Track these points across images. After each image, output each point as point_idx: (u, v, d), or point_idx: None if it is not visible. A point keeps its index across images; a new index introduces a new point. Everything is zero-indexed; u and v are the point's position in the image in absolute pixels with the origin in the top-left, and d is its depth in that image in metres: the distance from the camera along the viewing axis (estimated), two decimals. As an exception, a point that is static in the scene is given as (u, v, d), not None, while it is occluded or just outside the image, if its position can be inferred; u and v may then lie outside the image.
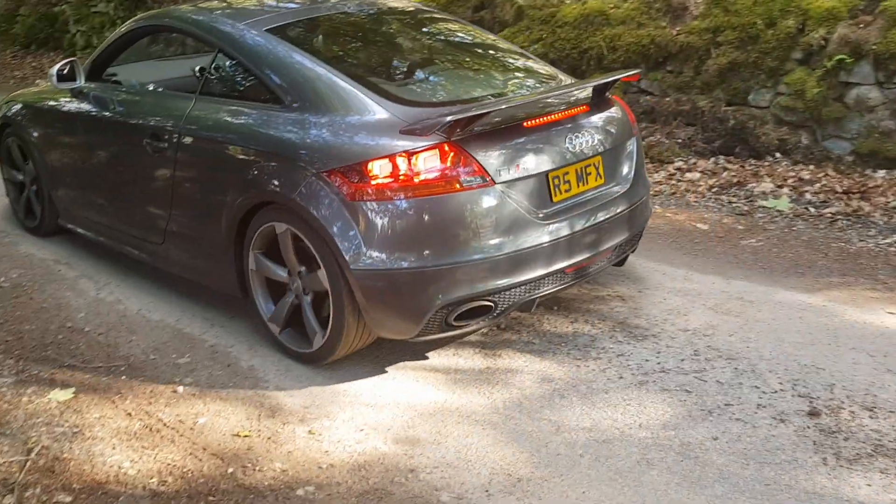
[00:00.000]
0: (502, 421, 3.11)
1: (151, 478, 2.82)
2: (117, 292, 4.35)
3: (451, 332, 3.34)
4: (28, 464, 2.87)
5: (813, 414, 3.09)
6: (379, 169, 3.10)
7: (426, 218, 3.11)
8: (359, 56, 3.91)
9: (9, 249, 4.97)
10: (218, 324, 3.97)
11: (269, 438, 3.05)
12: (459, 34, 4.40)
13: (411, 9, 4.52)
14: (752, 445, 2.91)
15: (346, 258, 3.13)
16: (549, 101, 3.53)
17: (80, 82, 4.53)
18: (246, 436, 3.06)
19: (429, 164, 3.10)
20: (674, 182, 5.86)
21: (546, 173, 3.35)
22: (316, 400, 3.28)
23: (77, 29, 11.77)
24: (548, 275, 3.36)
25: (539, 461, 2.86)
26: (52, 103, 4.83)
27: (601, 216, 3.54)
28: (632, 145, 3.85)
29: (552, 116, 3.45)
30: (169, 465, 2.89)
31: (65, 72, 4.53)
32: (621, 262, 4.06)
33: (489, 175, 3.15)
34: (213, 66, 3.99)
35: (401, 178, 3.09)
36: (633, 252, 4.11)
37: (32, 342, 3.78)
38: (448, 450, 2.94)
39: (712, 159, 6.09)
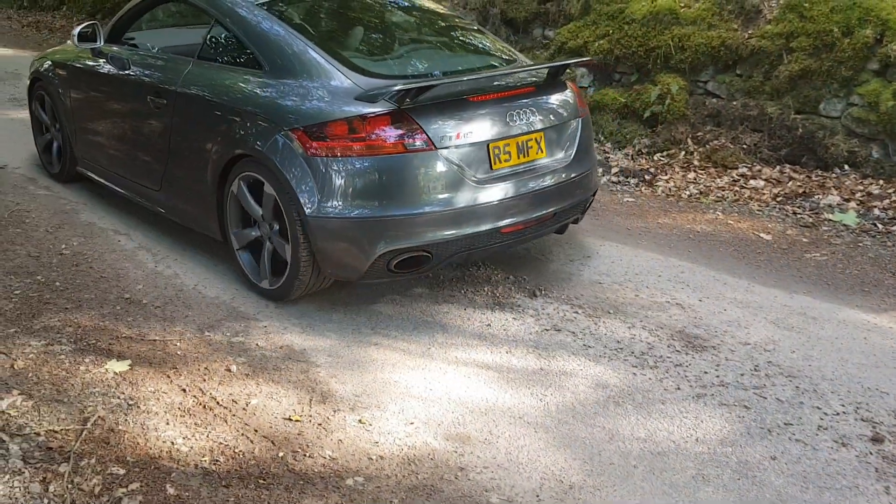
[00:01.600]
0: (555, 425, 3.07)
1: (203, 456, 2.83)
2: (175, 266, 4.38)
3: (393, 277, 3.78)
4: (84, 433, 2.90)
5: (876, 440, 2.99)
6: (335, 129, 3.55)
7: (373, 174, 3.54)
8: (333, 30, 4.35)
9: (71, 217, 5.04)
10: (272, 305, 3.98)
11: (319, 425, 3.04)
12: (433, 16, 4.86)
13: None
14: (812, 468, 2.82)
15: (303, 205, 3.58)
16: (495, 79, 3.98)
17: (100, 43, 5.00)
18: (297, 420, 3.06)
19: (378, 128, 3.53)
20: (737, 188, 5.73)
21: (486, 143, 3.74)
22: (367, 389, 3.27)
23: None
24: (481, 233, 3.73)
25: (592, 469, 2.82)
26: (74, 61, 5.31)
27: (537, 185, 3.91)
28: (576, 125, 4.21)
29: (496, 94, 3.86)
30: (221, 444, 2.90)
31: (87, 33, 4.97)
32: (562, 230, 4.51)
33: (432, 141, 3.57)
34: (210, 33, 4.45)
35: (353, 138, 3.53)
36: (576, 223, 4.50)
37: (91, 311, 3.82)
38: (499, 450, 2.91)
39: (778, 167, 5.94)
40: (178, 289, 4.12)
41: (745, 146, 6.14)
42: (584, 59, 4.91)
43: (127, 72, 4.75)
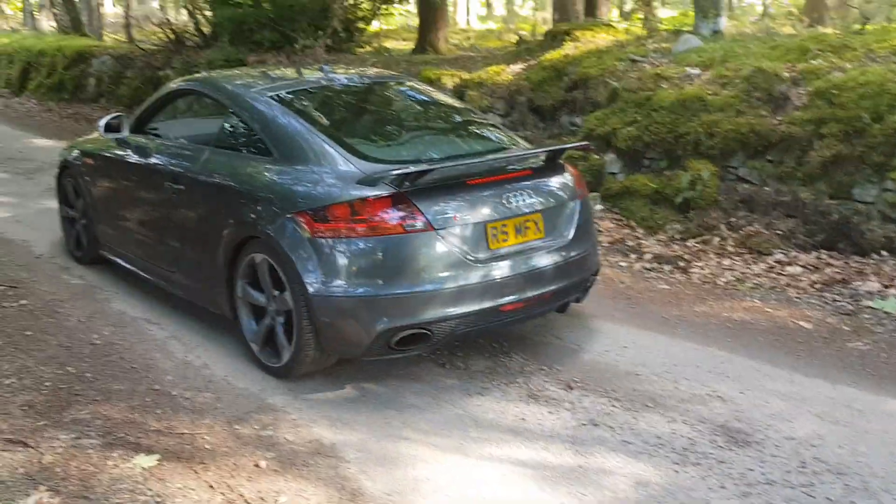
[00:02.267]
0: (595, 526, 2.94)
1: (230, 559, 2.74)
2: (205, 356, 4.35)
3: (393, 355, 3.88)
4: (109, 533, 2.82)
5: (937, 545, 2.82)
6: (338, 212, 3.72)
7: (375, 254, 3.70)
8: (338, 119, 4.59)
9: (103, 306, 5.06)
10: (301, 397, 3.92)
11: (349, 525, 2.94)
12: (437, 105, 5.12)
13: (395, 82, 5.30)
14: (871, 577, 2.66)
15: (306, 284, 3.72)
16: (491, 164, 4.11)
17: (125, 133, 5.29)
18: (326, 520, 2.97)
19: (378, 210, 3.69)
20: (773, 275, 5.63)
21: (484, 224, 3.88)
22: (398, 486, 3.17)
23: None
24: (481, 311, 3.84)
25: (635, 576, 2.67)
26: (100, 150, 5.58)
27: (536, 265, 4.02)
28: (575, 206, 4.32)
29: (493, 177, 4.01)
30: (248, 546, 2.81)
31: (113, 124, 5.30)
32: (563, 309, 4.54)
33: (430, 222, 3.72)
34: (224, 123, 4.69)
35: (355, 220, 3.71)
36: (577, 301, 4.54)
37: (120, 403, 3.78)
38: (537, 554, 2.78)
39: (814, 253, 5.85)
40: (207, 379, 4.08)
41: (779, 232, 6.06)
42: (581, 143, 5.05)
43: (148, 160, 5.00)
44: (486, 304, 3.85)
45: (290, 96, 4.57)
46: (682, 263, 5.95)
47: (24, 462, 3.23)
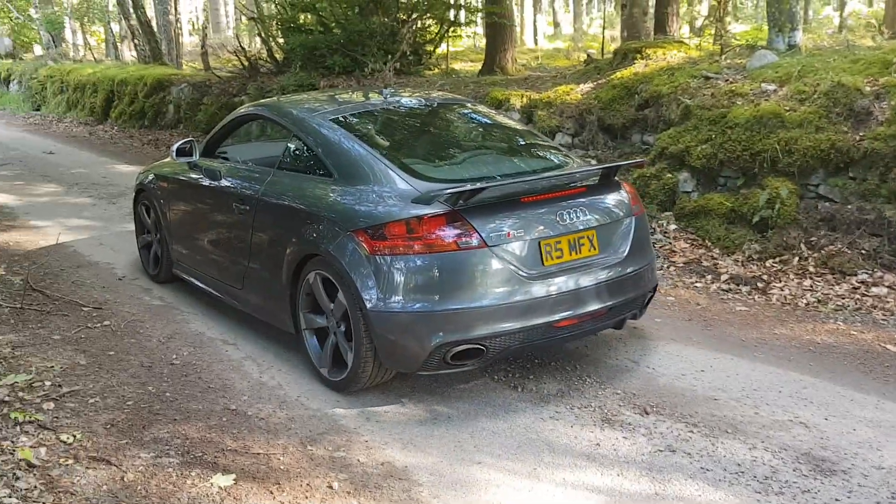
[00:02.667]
0: (673, 556, 2.86)
1: (305, 580, 2.75)
2: (279, 377, 4.41)
3: (449, 369, 3.96)
4: (187, 551, 2.87)
5: None
6: (394, 230, 3.83)
7: (430, 271, 3.77)
8: (395, 140, 4.73)
9: (182, 327, 5.19)
10: (374, 418, 3.93)
11: (422, 549, 2.93)
12: (495, 125, 5.23)
13: (457, 104, 5.38)
14: None
15: (365, 300, 3.83)
16: (544, 182, 4.14)
17: (195, 157, 5.50)
18: (400, 543, 2.96)
19: (433, 228, 3.78)
20: (858, 296, 5.43)
21: (538, 241, 3.93)
22: (472, 511, 3.14)
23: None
24: (534, 327, 3.89)
25: None
26: (173, 174, 5.84)
27: (590, 282, 4.04)
28: (630, 223, 4.35)
29: (547, 194, 4.06)
30: (322, 568, 2.81)
31: (185, 148, 5.49)
32: (619, 326, 4.54)
33: (484, 239, 3.79)
34: (289, 146, 4.86)
35: (411, 238, 3.79)
36: (634, 318, 4.56)
37: (198, 423, 3.86)
38: (614, 583, 2.72)
39: (901, 274, 5.62)
40: (281, 400, 4.14)
41: (863, 251, 5.85)
42: (635, 161, 5.10)
43: (217, 182, 5.20)
44: (540, 321, 3.88)
45: (350, 119, 4.72)
46: (760, 284, 5.79)
47: (107, 479, 3.32)
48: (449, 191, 3.80)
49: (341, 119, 4.68)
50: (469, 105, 5.42)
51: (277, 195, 4.55)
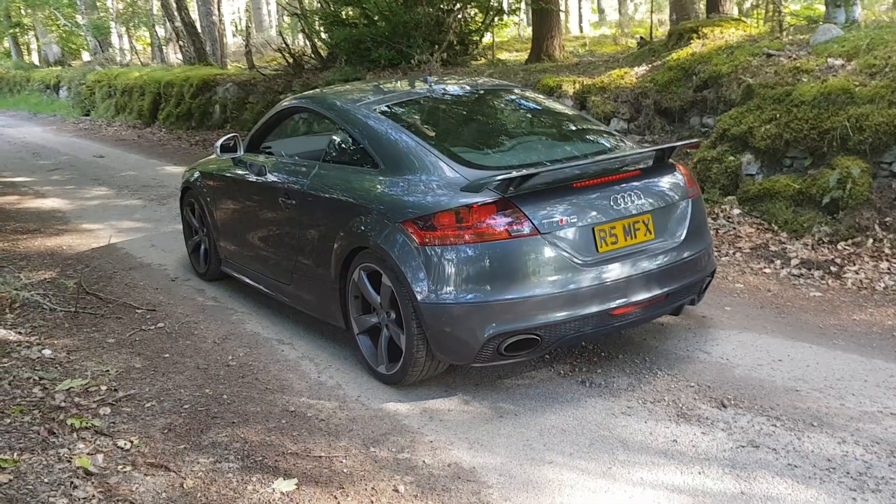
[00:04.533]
0: (767, 562, 2.66)
1: (374, 591, 2.61)
2: (337, 376, 4.29)
3: (504, 360, 3.84)
4: (251, 561, 2.75)
5: None
6: (443, 220, 3.70)
7: (481, 261, 3.65)
8: (442, 128, 4.55)
9: (237, 328, 5.10)
10: (437, 417, 3.79)
11: (496, 555, 2.77)
12: (544, 111, 5.04)
13: (505, 90, 5.25)
14: None
15: (416, 292, 3.73)
16: (596, 166, 3.95)
17: (240, 153, 5.44)
18: (471, 550, 2.80)
19: (483, 217, 3.65)
20: (941, 279, 5.13)
21: (591, 227, 3.80)
22: (546, 514, 2.97)
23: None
24: (590, 315, 3.75)
25: None
26: (218, 170, 5.76)
27: (646, 267, 3.89)
28: (686, 206, 4.19)
29: (600, 179, 3.90)
30: (392, 577, 2.67)
31: (229, 144, 5.44)
32: (677, 312, 4.39)
33: (536, 226, 3.67)
34: (332, 138, 4.78)
35: (461, 227, 3.67)
36: (693, 304, 4.38)
37: (257, 425, 3.75)
38: (705, 593, 2.53)
39: None
40: (341, 400, 4.01)
41: (943, 231, 5.53)
42: (690, 141, 4.90)
43: (262, 177, 5.12)
44: (596, 309, 3.75)
45: (395, 108, 4.62)
46: (833, 268, 5.50)
47: (166, 486, 3.22)
48: (499, 178, 3.67)
49: (386, 109, 4.58)
50: (517, 91, 5.27)
51: (323, 188, 4.46)
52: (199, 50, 19.10)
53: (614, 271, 3.81)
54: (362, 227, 4.06)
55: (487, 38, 14.40)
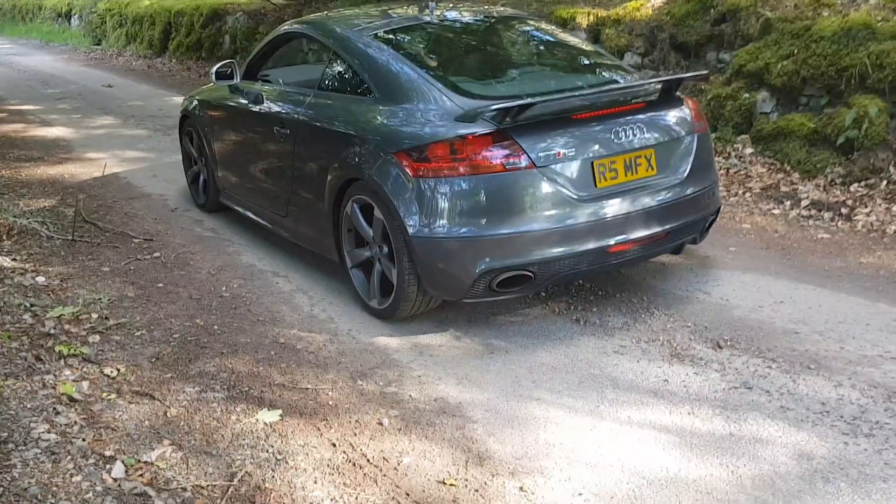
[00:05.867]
0: (749, 503, 2.60)
1: (350, 523, 2.59)
2: (330, 310, 4.24)
3: (496, 297, 3.75)
4: (230, 490, 2.73)
5: None
6: (437, 151, 3.58)
7: (475, 194, 3.54)
8: (440, 57, 4.41)
9: (233, 259, 5.05)
10: (427, 352, 3.74)
11: (476, 490, 2.74)
12: (543, 37, 4.83)
13: (516, 20, 5.05)
14: None
15: (407, 226, 3.63)
16: (598, 97, 3.80)
17: (236, 80, 5.29)
18: (452, 484, 2.77)
19: (478, 148, 3.53)
20: (954, 222, 4.98)
21: (591, 161, 3.67)
22: (528, 451, 2.93)
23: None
24: (586, 252, 3.64)
25: (801, 564, 2.34)
26: (216, 99, 5.63)
27: (647, 203, 3.77)
28: (692, 141, 4.03)
29: (601, 111, 3.74)
30: (369, 509, 2.65)
31: (225, 72, 5.29)
32: (678, 250, 4.27)
33: (532, 159, 3.53)
34: (328, 65, 4.67)
35: (455, 159, 3.55)
36: (694, 243, 4.24)
37: (246, 356, 3.72)
38: (684, 533, 2.49)
39: None
40: (332, 333, 3.97)
41: (961, 173, 5.35)
42: (699, 73, 4.89)
43: (257, 105, 4.98)
44: (592, 245, 3.65)
45: (395, 36, 4.46)
46: (844, 210, 5.36)
47: (149, 415, 3.20)
48: (494, 107, 3.54)
49: (386, 36, 4.42)
50: (532, 21, 5.08)
51: (318, 117, 4.35)
52: (210, -22, 18.67)
53: (613, 207, 3.70)
54: (356, 158, 3.95)
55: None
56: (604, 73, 4.42)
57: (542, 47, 4.80)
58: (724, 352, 3.59)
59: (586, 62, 4.60)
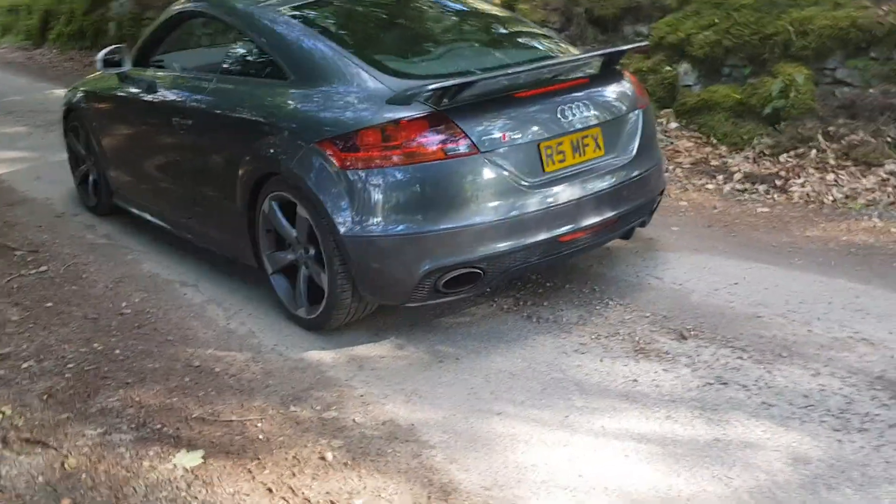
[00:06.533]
0: (756, 522, 2.32)
1: (301, 588, 2.17)
2: (250, 322, 3.77)
3: (442, 298, 3.38)
4: (149, 558, 2.27)
5: None
6: (367, 138, 3.18)
7: (412, 186, 3.16)
8: (360, 33, 3.96)
9: (133, 269, 4.48)
10: (367, 366, 3.32)
11: (444, 531, 2.36)
12: (474, 13, 4.45)
13: None
14: None
15: (337, 224, 3.21)
16: (541, 73, 3.50)
17: (126, 68, 4.70)
18: (415, 526, 2.38)
19: (414, 134, 3.14)
20: (890, 189, 4.87)
21: (537, 143, 3.34)
22: (498, 478, 2.57)
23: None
24: (538, 244, 3.32)
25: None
26: (103, 89, 5.05)
27: (597, 187, 3.47)
28: (636, 117, 3.76)
29: (545, 88, 3.44)
30: (322, 568, 2.23)
31: (114, 59, 4.69)
32: (628, 235, 4.04)
33: (475, 144, 3.17)
34: (234, 45, 4.22)
35: (387, 146, 3.16)
36: (643, 226, 4.03)
37: (156, 385, 3.22)
38: (690, 565, 2.17)
39: (936, 162, 5.07)
40: (255, 350, 3.50)
41: (889, 139, 5.27)
42: (639, 44, 4.68)
43: (152, 94, 4.46)
44: (544, 236, 3.32)
45: (305, 12, 3.97)
46: (778, 182, 5.20)
47: (44, 467, 2.68)
48: (431, 87, 3.13)
49: (295, 12, 3.93)
50: None
51: (223, 105, 3.87)
52: (86, -36, 17.47)
53: (563, 193, 3.37)
54: (271, 150, 3.49)
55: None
56: (535, 46, 4.07)
57: (464, 19, 4.41)
58: (689, 343, 3.31)
59: (514, 34, 4.25)
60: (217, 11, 4.28)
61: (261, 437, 2.85)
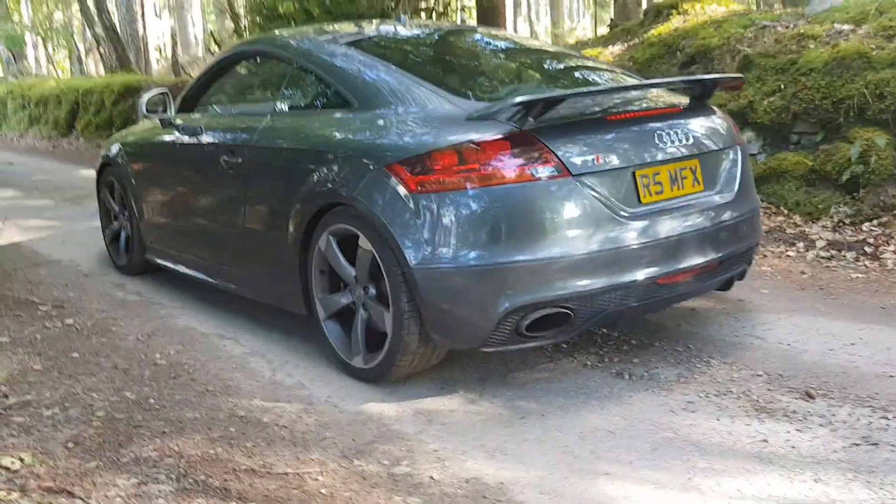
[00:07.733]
0: None
1: None
2: (297, 374, 3.33)
3: (525, 343, 2.95)
4: None
5: None
6: (442, 161, 2.85)
7: (492, 211, 2.80)
8: (425, 60, 3.78)
9: (166, 323, 4.07)
10: (437, 420, 2.86)
11: None
12: (524, 47, 4.30)
13: (463, 28, 4.63)
14: None
15: (407, 255, 2.85)
16: (633, 95, 3.27)
17: (171, 114, 4.41)
18: None
19: (495, 155, 2.81)
20: None
21: (632, 171, 3.00)
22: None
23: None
24: (633, 284, 2.90)
25: None
26: (143, 138, 4.80)
27: (699, 225, 3.10)
28: (735, 154, 3.43)
29: (639, 112, 3.17)
30: None
31: (157, 103, 4.41)
32: (727, 286, 3.52)
33: (565, 165, 2.83)
34: (286, 81, 3.86)
35: (464, 170, 2.82)
36: (741, 277, 3.49)
37: (196, 435, 2.76)
38: None
39: None
40: (306, 402, 3.05)
41: (980, 206, 4.89)
42: (735, 76, 4.30)
43: (199, 137, 4.15)
44: (641, 275, 2.91)
45: (368, 43, 3.78)
46: (868, 249, 4.79)
47: (66, 521, 2.22)
48: (517, 100, 2.80)
49: (355, 43, 3.71)
50: (480, 29, 4.58)
51: (277, 138, 3.58)
52: (121, 57, 17.79)
53: (662, 228, 2.99)
54: (332, 178, 3.16)
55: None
56: (612, 76, 3.78)
57: (523, 53, 4.19)
58: (819, 402, 2.83)
59: (577, 66, 3.96)
60: (273, 48, 4.03)
61: (323, 490, 2.38)
